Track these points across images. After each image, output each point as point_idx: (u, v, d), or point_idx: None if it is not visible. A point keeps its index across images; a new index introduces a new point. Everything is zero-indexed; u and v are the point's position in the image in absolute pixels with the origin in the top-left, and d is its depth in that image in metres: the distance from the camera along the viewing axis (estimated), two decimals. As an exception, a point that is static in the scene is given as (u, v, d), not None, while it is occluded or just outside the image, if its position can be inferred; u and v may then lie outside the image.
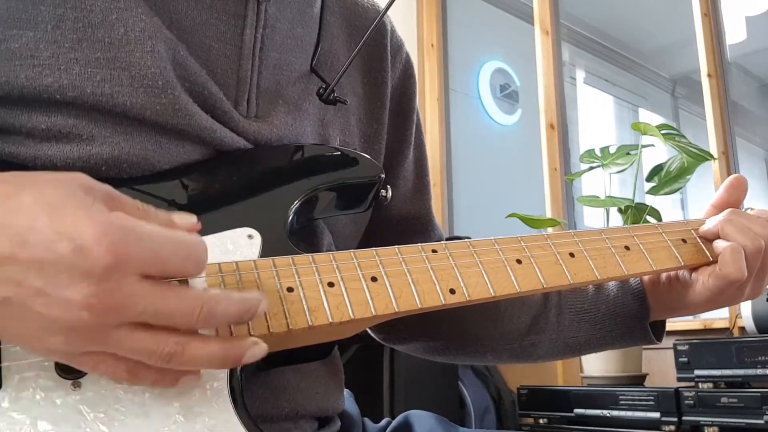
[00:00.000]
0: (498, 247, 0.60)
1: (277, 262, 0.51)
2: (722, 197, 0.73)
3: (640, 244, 0.67)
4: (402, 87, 0.80)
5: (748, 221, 0.68)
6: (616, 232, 0.67)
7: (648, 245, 0.67)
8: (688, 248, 0.69)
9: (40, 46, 0.54)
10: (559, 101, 2.81)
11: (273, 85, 0.65)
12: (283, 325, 0.48)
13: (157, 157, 0.56)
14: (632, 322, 0.74)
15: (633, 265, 0.65)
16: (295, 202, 0.59)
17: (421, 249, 0.57)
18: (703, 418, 1.64)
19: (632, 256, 0.65)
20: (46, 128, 0.54)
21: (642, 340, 0.75)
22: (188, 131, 0.58)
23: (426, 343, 0.80)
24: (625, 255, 0.65)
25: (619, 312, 0.74)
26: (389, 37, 0.79)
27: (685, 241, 0.69)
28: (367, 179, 0.65)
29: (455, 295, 0.55)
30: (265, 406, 0.59)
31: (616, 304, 0.74)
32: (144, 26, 0.57)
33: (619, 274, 0.64)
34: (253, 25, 0.64)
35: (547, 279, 0.60)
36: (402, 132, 0.79)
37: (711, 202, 0.74)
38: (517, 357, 0.78)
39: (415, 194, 0.81)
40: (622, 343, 0.76)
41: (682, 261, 0.67)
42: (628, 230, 0.67)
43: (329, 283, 0.51)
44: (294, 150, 0.64)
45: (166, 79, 0.57)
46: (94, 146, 0.55)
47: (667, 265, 0.67)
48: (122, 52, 0.56)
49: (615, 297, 0.74)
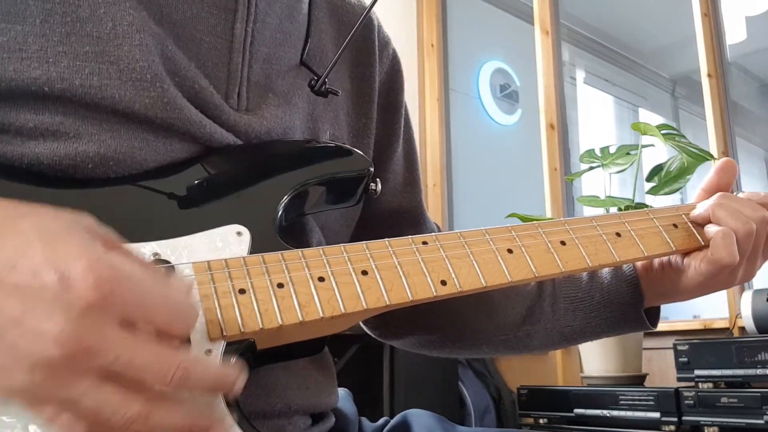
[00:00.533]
0: (489, 237, 0.60)
1: (266, 258, 0.51)
2: (712, 181, 0.73)
3: (632, 230, 0.66)
4: (390, 81, 0.81)
5: (739, 204, 0.68)
6: (608, 219, 0.66)
7: (639, 231, 0.67)
8: (679, 233, 0.68)
9: (29, 39, 0.54)
10: (559, 101, 2.81)
11: (263, 79, 0.66)
12: (274, 321, 0.48)
13: (143, 154, 0.56)
14: (627, 308, 0.74)
15: (625, 251, 0.65)
16: (284, 198, 0.58)
17: (412, 241, 0.57)
18: (703, 418, 1.64)
19: (624, 243, 0.65)
20: (33, 126, 0.54)
21: (637, 326, 0.75)
22: (177, 126, 0.58)
23: (421, 337, 0.80)
24: (617, 241, 0.65)
25: (614, 299, 0.74)
26: (376, 32, 0.80)
27: (676, 226, 0.69)
28: (356, 173, 0.64)
29: (446, 286, 0.55)
30: (258, 403, 0.59)
31: (610, 292, 0.74)
32: (132, 20, 0.57)
33: (611, 260, 0.64)
34: (244, 19, 0.64)
35: (538, 268, 0.60)
36: (390, 126, 0.80)
37: (701, 186, 0.74)
38: (512, 348, 0.78)
39: (405, 188, 0.81)
40: (618, 330, 0.76)
41: (674, 246, 0.67)
42: (619, 217, 0.67)
43: (320, 277, 0.51)
44: (282, 145, 0.64)
45: (155, 73, 0.57)
46: (81, 144, 0.55)
47: (659, 251, 0.67)
48: (110, 46, 0.56)
49: (609, 284, 0.74)
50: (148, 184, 0.56)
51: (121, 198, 0.55)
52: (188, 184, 0.57)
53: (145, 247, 0.51)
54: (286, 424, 0.62)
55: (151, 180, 0.56)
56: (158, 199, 0.55)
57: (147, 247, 0.51)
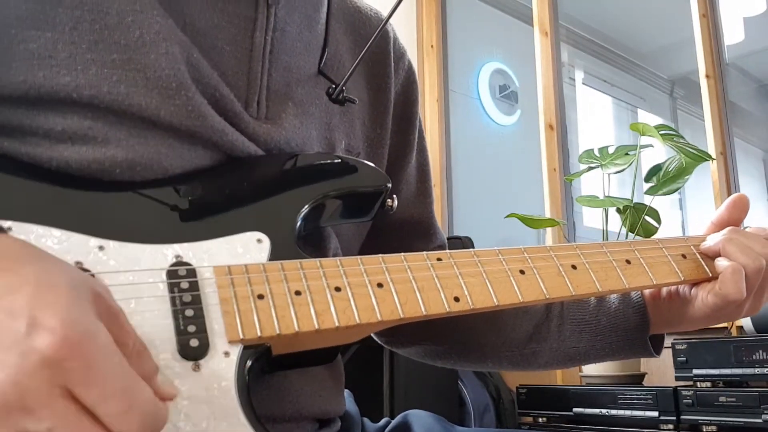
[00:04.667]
0: (501, 258, 0.61)
1: (285, 265, 0.52)
2: (722, 216, 0.74)
3: (641, 258, 0.67)
4: (405, 93, 0.82)
5: (749, 240, 0.68)
6: (618, 246, 0.67)
7: (649, 259, 0.67)
8: (688, 264, 0.69)
9: (58, 46, 0.55)
10: (558, 102, 2.82)
11: (282, 87, 0.66)
12: (291, 327, 0.49)
13: (169, 160, 0.57)
14: (632, 334, 0.75)
15: (634, 278, 0.65)
16: (304, 208, 0.59)
17: (427, 257, 0.58)
18: (702, 417, 1.64)
19: (633, 270, 0.66)
20: (62, 130, 0.55)
21: (641, 352, 0.76)
22: (201, 133, 0.58)
23: (428, 348, 0.81)
24: (627, 268, 0.66)
25: (620, 324, 0.75)
26: (392, 44, 0.80)
27: (685, 257, 0.70)
28: (374, 188, 0.65)
29: (459, 303, 0.56)
30: (269, 407, 0.59)
31: (617, 317, 0.75)
32: (159, 28, 0.58)
33: (621, 287, 0.65)
34: (263, 28, 0.65)
35: (549, 290, 0.60)
36: (405, 137, 0.81)
37: (711, 219, 0.75)
38: (517, 364, 0.79)
39: (417, 198, 0.82)
40: (622, 354, 0.76)
41: (682, 276, 0.68)
42: (630, 245, 0.68)
43: (336, 287, 0.52)
44: (303, 157, 0.65)
45: (180, 81, 0.57)
46: (109, 149, 0.55)
47: (668, 280, 0.68)
48: (138, 54, 0.57)
49: (616, 309, 0.75)
50: (172, 188, 0.57)
51: (146, 201, 0.55)
52: (212, 191, 0.58)
53: (167, 249, 0.52)
54: (294, 428, 0.62)
55: (176, 185, 0.57)
56: (182, 203, 0.56)
57: (169, 250, 0.52)
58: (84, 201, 0.53)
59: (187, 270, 0.50)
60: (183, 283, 0.49)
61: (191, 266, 0.51)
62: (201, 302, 0.49)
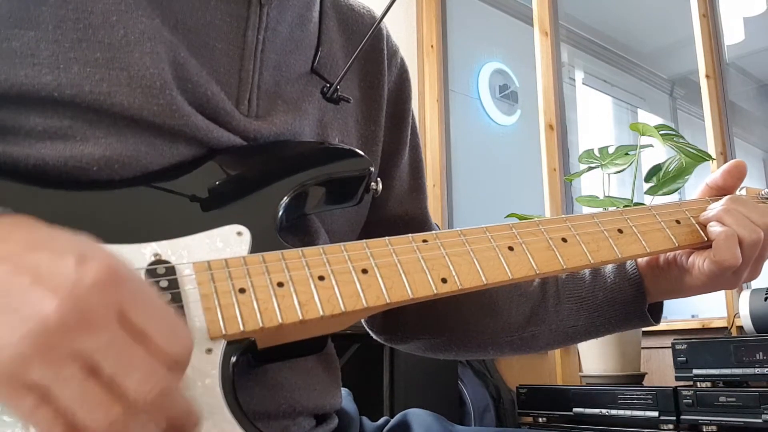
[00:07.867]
0: (489, 235, 0.59)
1: (266, 257, 0.51)
2: (717, 181, 0.74)
3: (634, 226, 0.66)
4: (398, 90, 0.82)
5: (747, 210, 0.68)
6: (609, 216, 0.66)
7: (641, 227, 0.66)
8: (682, 229, 0.68)
9: (41, 45, 0.55)
10: (558, 102, 2.82)
11: (272, 86, 0.66)
12: (274, 320, 0.48)
13: (149, 158, 0.57)
14: (630, 307, 0.74)
15: (627, 248, 0.64)
16: (284, 198, 0.59)
17: (412, 239, 0.57)
18: (702, 417, 1.64)
19: (626, 239, 0.64)
20: (42, 129, 0.55)
21: (640, 323, 0.76)
22: (184, 132, 0.58)
23: (427, 341, 0.81)
24: (619, 238, 0.64)
25: (617, 298, 0.74)
26: (385, 42, 0.81)
27: (679, 222, 0.68)
28: (356, 173, 0.64)
29: (447, 284, 0.55)
30: (263, 403, 0.59)
31: (614, 291, 0.74)
32: (144, 28, 0.58)
33: (613, 257, 0.63)
34: (255, 27, 0.65)
35: (539, 265, 0.59)
36: (398, 134, 0.81)
37: (707, 181, 0.74)
38: (517, 349, 0.78)
39: (411, 194, 0.82)
40: (621, 327, 0.76)
41: (677, 242, 0.67)
42: (621, 213, 0.67)
43: (320, 276, 0.51)
44: (282, 146, 0.64)
45: (164, 80, 0.57)
46: (87, 146, 0.55)
47: (662, 247, 0.66)
48: (121, 53, 0.56)
49: (612, 283, 0.75)
50: (149, 185, 0.56)
51: (123, 200, 0.55)
52: (189, 185, 0.57)
53: (145, 248, 0.51)
54: (291, 425, 0.62)
55: (153, 182, 0.56)
56: (159, 200, 0.56)
57: (147, 248, 0.51)
58: (60, 202, 0.53)
59: (165, 268, 0.50)
60: (162, 281, 0.49)
61: (170, 264, 0.50)
62: (181, 300, 0.48)
